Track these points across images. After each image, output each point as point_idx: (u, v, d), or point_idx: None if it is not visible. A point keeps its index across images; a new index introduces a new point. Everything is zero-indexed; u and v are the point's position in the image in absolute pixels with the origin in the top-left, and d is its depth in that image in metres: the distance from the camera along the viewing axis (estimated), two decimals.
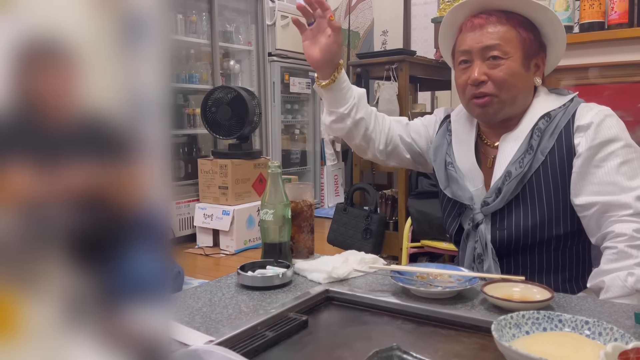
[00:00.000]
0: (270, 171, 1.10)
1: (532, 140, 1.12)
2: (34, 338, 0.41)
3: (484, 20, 1.13)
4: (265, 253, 1.11)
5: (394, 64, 2.92)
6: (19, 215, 0.41)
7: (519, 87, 1.13)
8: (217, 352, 0.63)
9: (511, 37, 1.12)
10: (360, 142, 1.32)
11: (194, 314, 0.88)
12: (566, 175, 1.10)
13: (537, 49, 1.16)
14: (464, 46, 1.15)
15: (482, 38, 1.12)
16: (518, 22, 1.13)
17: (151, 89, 0.46)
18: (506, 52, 1.11)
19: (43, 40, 0.42)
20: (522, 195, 1.13)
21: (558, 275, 1.15)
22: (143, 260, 0.46)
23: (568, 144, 1.10)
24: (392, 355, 0.66)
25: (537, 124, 1.13)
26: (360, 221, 2.82)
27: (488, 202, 1.15)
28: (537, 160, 1.11)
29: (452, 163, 1.24)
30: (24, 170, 0.41)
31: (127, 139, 0.45)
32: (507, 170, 1.13)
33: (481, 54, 1.12)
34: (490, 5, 1.15)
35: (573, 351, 0.68)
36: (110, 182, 0.45)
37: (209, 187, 3.76)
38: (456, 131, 1.27)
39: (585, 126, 1.09)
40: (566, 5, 2.29)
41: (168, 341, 0.72)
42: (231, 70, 4.45)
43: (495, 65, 1.11)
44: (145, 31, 0.46)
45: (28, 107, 0.42)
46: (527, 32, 1.13)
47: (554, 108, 1.14)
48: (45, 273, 0.42)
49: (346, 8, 5.11)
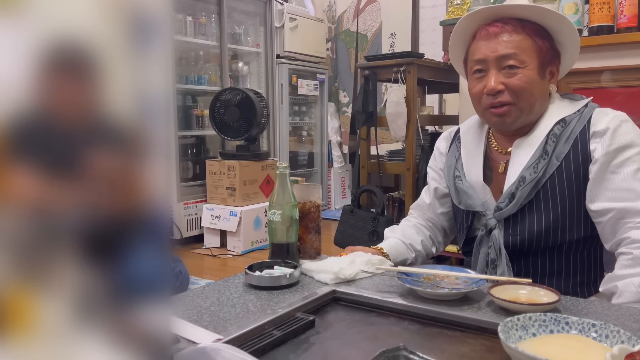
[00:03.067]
0: (279, 172, 1.10)
1: (547, 146, 1.12)
2: (45, 335, 0.42)
3: (499, 28, 1.12)
4: (273, 253, 1.12)
5: (402, 67, 2.92)
6: (31, 215, 0.41)
7: (536, 95, 1.13)
8: (225, 350, 0.64)
9: (527, 46, 1.11)
10: (431, 251, 1.38)
11: (202, 313, 0.88)
12: (581, 180, 1.10)
13: (552, 56, 1.15)
14: (479, 55, 1.14)
15: (497, 47, 1.11)
16: (533, 31, 1.12)
17: (159, 91, 0.47)
18: (523, 61, 1.10)
19: (59, 44, 0.42)
20: (535, 200, 1.12)
21: (569, 279, 1.15)
22: (149, 259, 0.47)
23: (584, 149, 1.10)
24: (399, 355, 0.67)
25: (552, 129, 1.13)
26: (367, 223, 2.81)
27: (501, 207, 1.15)
28: (551, 166, 1.11)
29: (460, 176, 1.24)
30: (36, 171, 0.42)
31: (136, 139, 0.46)
32: (521, 175, 1.13)
33: (497, 63, 1.12)
34: (505, 14, 1.13)
35: (579, 353, 0.68)
36: (120, 182, 0.46)
37: (216, 188, 3.77)
38: (465, 143, 1.28)
39: (601, 132, 1.08)
40: (575, 8, 2.28)
41: (172, 338, 0.73)
42: (239, 72, 4.47)
43: (512, 74, 1.11)
44: (154, 33, 0.46)
45: (44, 109, 0.42)
46: (542, 41, 1.13)
47: (569, 114, 1.14)
48: (57, 271, 0.43)
49: (354, 10, 5.12)
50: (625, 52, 2.17)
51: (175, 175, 3.77)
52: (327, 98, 5.18)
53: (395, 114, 2.90)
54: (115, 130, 0.45)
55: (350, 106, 5.14)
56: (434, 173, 1.38)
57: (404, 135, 2.94)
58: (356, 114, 3.10)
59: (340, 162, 5.23)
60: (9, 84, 0.40)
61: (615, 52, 2.19)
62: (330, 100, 5.28)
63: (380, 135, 3.14)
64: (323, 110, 5.16)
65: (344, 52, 5.27)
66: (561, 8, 2.30)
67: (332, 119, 5.25)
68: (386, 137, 3.73)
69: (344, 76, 5.27)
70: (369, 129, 3.10)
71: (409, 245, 1.31)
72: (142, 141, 0.46)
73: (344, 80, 5.28)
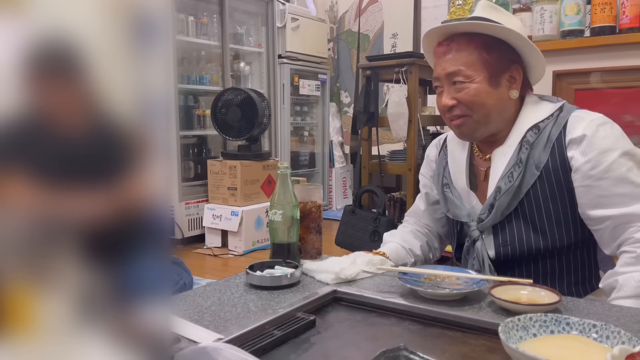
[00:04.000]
0: (280, 172, 1.11)
1: (520, 154, 1.12)
2: (47, 333, 0.42)
3: (445, 48, 1.16)
4: (274, 253, 1.12)
5: (403, 67, 2.92)
6: (32, 215, 0.41)
7: (489, 105, 1.13)
8: (225, 349, 0.64)
9: (472, 61, 1.13)
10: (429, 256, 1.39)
11: (203, 312, 0.89)
12: (564, 189, 1.10)
13: (506, 64, 1.14)
14: (435, 73, 1.20)
15: (445, 65, 1.15)
16: (480, 44, 1.13)
17: (161, 91, 0.47)
18: (469, 76, 1.12)
19: (55, 43, 0.42)
20: (520, 209, 1.13)
21: (563, 279, 1.15)
22: (149, 259, 0.47)
23: (561, 157, 1.09)
24: (399, 355, 0.67)
25: (525, 136, 1.13)
26: (368, 223, 2.81)
27: (482, 219, 1.17)
28: (531, 175, 1.11)
29: (448, 184, 1.26)
30: (37, 173, 0.42)
31: (137, 139, 0.46)
32: (497, 185, 1.14)
33: (447, 79, 1.15)
34: (454, 31, 1.16)
35: (580, 354, 0.68)
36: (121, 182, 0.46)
37: (218, 188, 3.77)
38: (452, 151, 1.29)
39: (577, 139, 1.07)
40: (577, 9, 2.28)
41: (173, 337, 0.73)
42: (241, 72, 4.47)
43: (460, 89, 1.14)
44: (155, 34, 0.46)
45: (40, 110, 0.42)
46: (489, 53, 1.12)
47: (542, 119, 1.13)
48: (58, 271, 0.43)
49: (356, 11, 5.12)
50: (627, 53, 2.17)
51: (176, 175, 3.77)
52: (329, 98, 5.18)
53: (396, 114, 2.90)
54: (116, 130, 0.45)
55: (351, 106, 5.14)
56: (425, 180, 1.40)
57: (405, 135, 2.94)
58: (358, 114, 3.09)
59: (341, 162, 5.23)
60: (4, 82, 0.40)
61: (617, 53, 2.19)
62: (332, 101, 5.28)
63: (381, 135, 3.14)
64: (324, 111, 5.17)
65: (345, 52, 5.27)
66: (563, 9, 2.30)
67: (333, 119, 5.25)
68: (388, 138, 3.73)
69: (346, 76, 5.27)
70: (371, 129, 3.10)
71: (409, 250, 1.32)
72: (143, 141, 0.46)
73: (345, 81, 5.28)
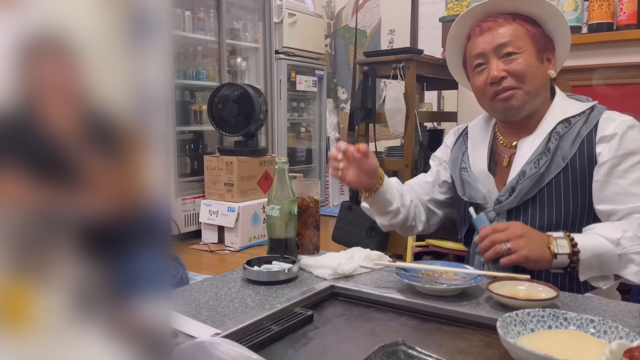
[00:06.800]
0: (277, 167, 1.10)
1: (549, 143, 1.14)
2: (43, 329, 0.42)
3: (491, 22, 1.17)
4: (271, 248, 1.12)
5: (401, 63, 2.91)
6: (28, 210, 0.41)
7: (538, 78, 1.16)
8: (223, 344, 0.64)
9: (521, 33, 1.16)
10: (411, 222, 1.33)
11: (200, 307, 0.88)
12: (586, 183, 1.13)
13: (546, 42, 1.19)
14: (477, 50, 1.19)
15: (493, 39, 1.16)
16: (524, 20, 1.18)
17: (157, 86, 0.47)
18: (519, 47, 1.15)
19: (48, 36, 0.42)
20: (539, 197, 1.15)
21: (566, 274, 1.15)
22: (148, 253, 0.47)
23: (590, 153, 1.12)
24: (397, 350, 0.67)
25: (555, 128, 1.16)
26: (365, 219, 2.81)
27: (501, 200, 1.18)
28: (557, 166, 1.13)
29: (466, 168, 1.27)
30: (31, 167, 0.42)
31: (134, 135, 0.46)
32: (522, 169, 1.15)
33: (495, 52, 1.16)
34: (495, 10, 1.19)
35: (578, 349, 0.68)
36: (118, 177, 0.46)
37: (214, 183, 3.77)
38: (472, 138, 1.31)
39: (608, 137, 1.11)
40: (575, 5, 2.28)
41: (171, 332, 0.73)
42: (238, 68, 4.46)
43: (511, 60, 1.15)
44: (151, 27, 0.46)
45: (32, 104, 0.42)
46: (534, 28, 1.17)
47: (573, 114, 1.16)
48: (55, 266, 0.43)
49: (354, 7, 5.11)
50: (624, 50, 2.17)
51: (173, 171, 3.76)
52: (326, 94, 5.17)
53: (394, 110, 2.90)
54: (112, 125, 0.45)
55: (348, 102, 5.14)
56: (438, 160, 1.40)
57: (402, 131, 2.94)
58: (355, 110, 3.09)
59: None
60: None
61: (615, 50, 2.19)
62: (329, 97, 5.27)
63: (378, 131, 3.14)
64: (321, 107, 5.16)
65: (342, 48, 5.26)
66: (561, 5, 2.30)
67: (330, 115, 5.24)
68: (385, 134, 3.73)
69: (343, 72, 5.26)
70: (368, 126, 3.09)
71: (401, 195, 1.30)
72: (140, 136, 0.46)
73: (342, 77, 5.27)
